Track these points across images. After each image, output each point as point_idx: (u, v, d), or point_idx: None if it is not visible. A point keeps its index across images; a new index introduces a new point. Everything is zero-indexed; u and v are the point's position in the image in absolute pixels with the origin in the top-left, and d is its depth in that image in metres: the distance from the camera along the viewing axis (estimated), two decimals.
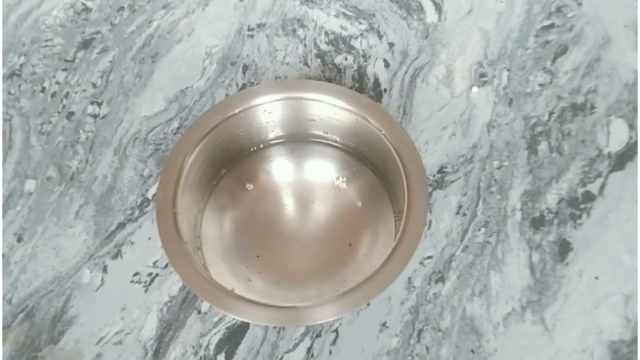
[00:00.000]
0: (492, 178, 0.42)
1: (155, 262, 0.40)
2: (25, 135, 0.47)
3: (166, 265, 0.40)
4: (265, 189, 0.42)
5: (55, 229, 0.42)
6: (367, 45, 0.50)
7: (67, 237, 0.42)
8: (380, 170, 0.41)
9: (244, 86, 0.48)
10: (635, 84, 0.46)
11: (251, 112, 0.39)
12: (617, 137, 0.44)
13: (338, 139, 0.42)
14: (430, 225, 0.41)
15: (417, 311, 0.38)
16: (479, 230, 0.40)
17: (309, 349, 0.37)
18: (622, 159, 0.43)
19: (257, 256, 0.39)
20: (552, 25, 0.50)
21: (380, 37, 0.50)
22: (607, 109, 0.45)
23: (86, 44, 0.51)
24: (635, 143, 0.44)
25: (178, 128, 0.46)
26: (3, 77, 0.50)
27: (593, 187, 0.42)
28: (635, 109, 0.45)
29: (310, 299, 0.38)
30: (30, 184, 0.44)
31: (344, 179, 0.37)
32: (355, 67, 0.48)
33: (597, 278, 0.38)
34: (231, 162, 0.42)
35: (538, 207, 0.41)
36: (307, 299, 0.38)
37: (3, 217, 0.43)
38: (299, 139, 0.43)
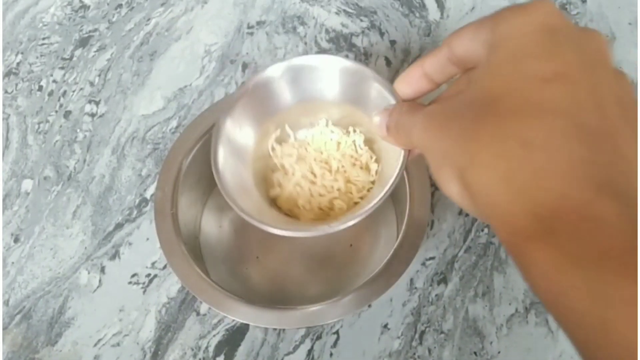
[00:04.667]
0: None
1: (153, 263, 0.40)
2: (22, 135, 0.46)
3: (165, 266, 0.40)
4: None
5: (53, 230, 0.41)
6: (369, 43, 0.49)
7: (64, 237, 0.41)
8: None
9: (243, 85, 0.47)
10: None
11: None
12: None
13: None
14: (432, 225, 0.40)
15: (419, 313, 0.37)
16: (482, 230, 0.40)
17: (310, 351, 0.36)
18: None
19: (257, 257, 0.39)
20: None
21: (381, 34, 0.49)
22: None
23: (84, 42, 0.50)
24: None
25: (177, 127, 0.45)
26: (0, 76, 0.49)
27: None
28: None
29: (310, 301, 0.37)
30: (27, 184, 0.44)
31: None
32: None
33: None
34: None
35: None
36: (307, 301, 0.38)
37: (0, 217, 0.42)
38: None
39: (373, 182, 0.31)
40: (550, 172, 0.16)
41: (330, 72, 0.30)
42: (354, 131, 0.32)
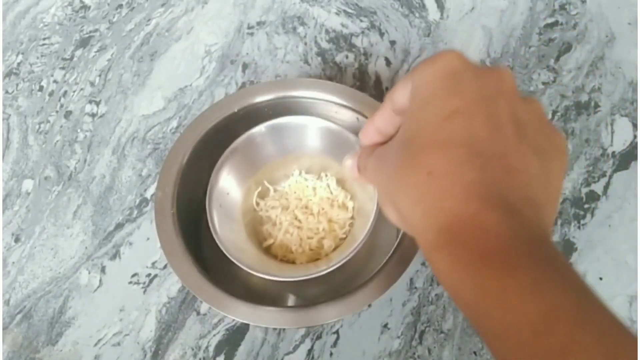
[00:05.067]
0: None
1: (154, 263, 0.40)
2: (22, 135, 0.46)
3: (165, 266, 0.40)
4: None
5: (53, 230, 0.42)
6: (369, 43, 0.49)
7: (65, 237, 0.41)
8: None
9: (243, 85, 0.48)
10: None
11: (251, 111, 0.38)
12: (621, 136, 0.43)
13: None
14: None
15: (419, 312, 0.37)
16: None
17: (310, 351, 0.36)
18: (626, 158, 0.42)
19: None
20: (555, 23, 0.49)
21: (381, 35, 0.50)
22: (611, 108, 0.45)
23: (84, 42, 0.51)
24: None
25: (177, 127, 0.46)
26: (1, 76, 0.49)
27: (597, 187, 0.41)
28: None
29: (310, 301, 0.37)
30: (27, 184, 0.44)
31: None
32: (357, 65, 0.48)
33: (601, 279, 0.38)
34: None
35: None
36: (307, 301, 0.38)
37: (1, 217, 0.42)
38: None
39: (352, 217, 0.35)
40: (447, 195, 0.19)
41: (300, 129, 0.35)
42: (326, 175, 0.36)
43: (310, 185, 0.36)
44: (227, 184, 0.35)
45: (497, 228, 0.18)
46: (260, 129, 0.35)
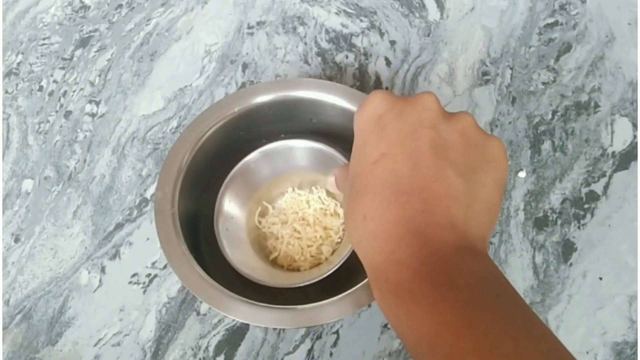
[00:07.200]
0: None
1: (153, 263, 0.40)
2: (22, 135, 0.46)
3: (165, 266, 0.40)
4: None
5: (53, 230, 0.42)
6: (369, 43, 0.49)
7: (64, 237, 0.41)
8: None
9: (243, 85, 0.48)
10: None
11: (251, 111, 0.38)
12: (621, 136, 0.43)
13: (339, 138, 0.41)
14: None
15: None
16: None
17: (310, 351, 0.37)
18: (626, 159, 0.42)
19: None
20: (555, 23, 0.49)
21: (381, 35, 0.50)
22: (611, 108, 0.45)
23: (84, 42, 0.51)
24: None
25: (177, 127, 0.46)
26: (1, 76, 0.49)
27: (597, 187, 0.41)
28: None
29: (310, 301, 0.37)
30: (27, 184, 0.44)
31: None
32: (357, 65, 0.48)
33: (601, 279, 0.38)
34: (230, 161, 0.41)
35: (541, 207, 0.41)
36: (307, 301, 0.38)
37: (0, 217, 0.42)
38: (299, 138, 0.42)
39: (344, 223, 0.37)
40: (377, 235, 0.22)
41: (289, 151, 0.39)
42: (316, 189, 0.40)
43: (303, 199, 0.39)
44: (230, 209, 0.38)
45: (408, 261, 0.21)
46: (255, 155, 0.38)
